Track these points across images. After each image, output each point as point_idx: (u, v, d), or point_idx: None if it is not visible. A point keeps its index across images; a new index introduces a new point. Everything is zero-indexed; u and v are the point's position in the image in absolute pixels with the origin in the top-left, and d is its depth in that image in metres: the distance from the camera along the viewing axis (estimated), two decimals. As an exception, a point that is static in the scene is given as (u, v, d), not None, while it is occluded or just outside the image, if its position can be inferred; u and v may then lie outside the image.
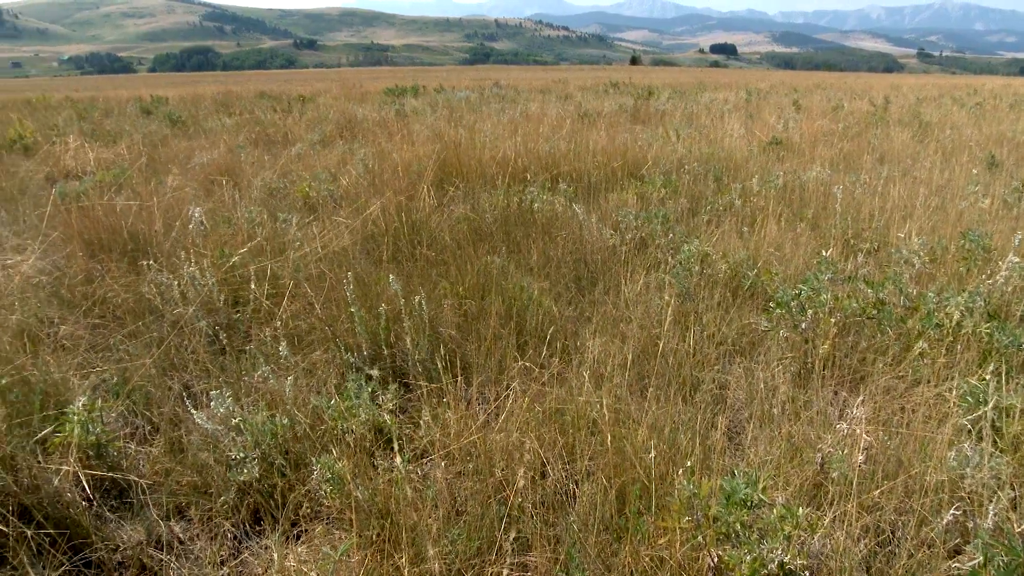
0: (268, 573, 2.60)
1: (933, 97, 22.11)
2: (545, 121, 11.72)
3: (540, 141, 9.04)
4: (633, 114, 14.92)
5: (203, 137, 12.31)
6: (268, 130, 12.72)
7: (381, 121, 13.05)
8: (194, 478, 3.03)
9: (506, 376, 3.55)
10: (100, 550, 2.76)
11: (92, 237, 5.42)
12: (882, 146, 10.30)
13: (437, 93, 22.39)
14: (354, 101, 19.36)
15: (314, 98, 20.83)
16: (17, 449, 2.94)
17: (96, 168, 8.77)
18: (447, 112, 14.60)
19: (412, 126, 11.35)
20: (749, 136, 11.01)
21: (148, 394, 3.59)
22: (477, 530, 2.56)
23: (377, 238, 5.47)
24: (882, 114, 14.70)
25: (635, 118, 14.28)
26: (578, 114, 13.92)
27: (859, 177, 7.58)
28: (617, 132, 10.91)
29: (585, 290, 4.79)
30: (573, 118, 12.77)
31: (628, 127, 12.29)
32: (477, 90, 23.92)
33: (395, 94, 21.77)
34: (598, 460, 2.87)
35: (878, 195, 6.70)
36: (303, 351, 3.82)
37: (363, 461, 2.84)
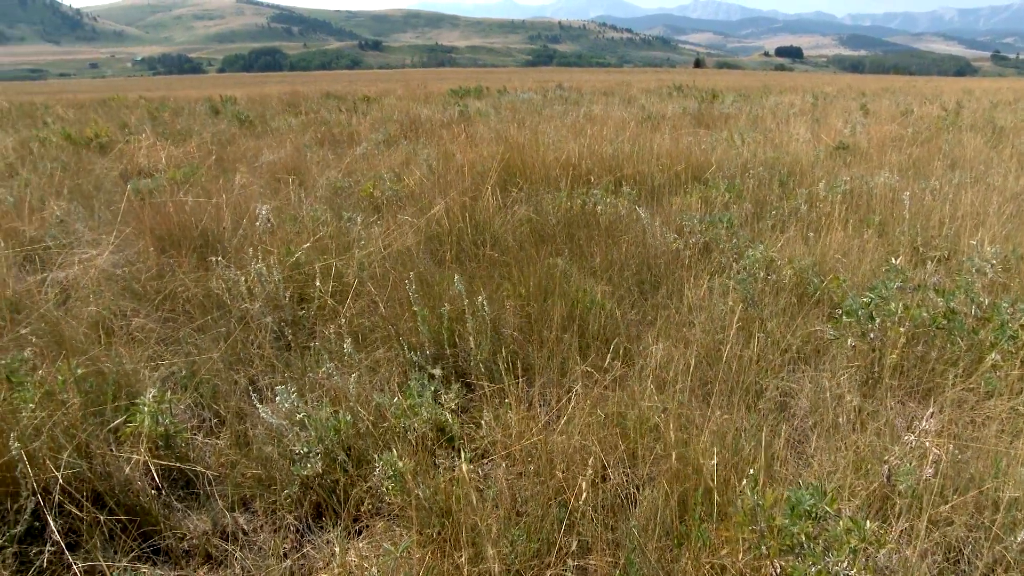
0: (329, 567, 2.63)
1: (1008, 101, 21.47)
2: (608, 123, 11.68)
3: (603, 143, 9.01)
4: (697, 117, 14.78)
5: (270, 136, 12.50)
6: (333, 130, 12.87)
7: (445, 122, 13.13)
8: (258, 471, 3.08)
9: (568, 379, 3.54)
10: (168, 538, 2.83)
11: (163, 233, 5.54)
12: (954, 152, 10.04)
13: (500, 95, 22.46)
14: (418, 102, 19.50)
15: (379, 98, 21.04)
16: (91, 437, 3.01)
17: (167, 166, 8.96)
18: (510, 114, 14.63)
19: (475, 127, 11.39)
20: (815, 140, 10.83)
21: (215, 387, 3.66)
22: (537, 532, 2.56)
23: (440, 238, 5.51)
24: (954, 119, 14.33)
25: (699, 121, 14.15)
26: (641, 117, 13.85)
27: (929, 183, 7.40)
28: (681, 135, 10.82)
29: (648, 294, 4.76)
30: (636, 121, 12.71)
31: (692, 130, 12.18)
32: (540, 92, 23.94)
33: (458, 95, 21.88)
34: (660, 465, 2.84)
35: (949, 202, 6.53)
36: (367, 349, 3.86)
37: (424, 459, 2.86)
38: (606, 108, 16.23)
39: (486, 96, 22.24)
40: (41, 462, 2.80)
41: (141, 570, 2.63)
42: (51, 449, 2.87)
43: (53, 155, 10.32)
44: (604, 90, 26.82)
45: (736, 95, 22.53)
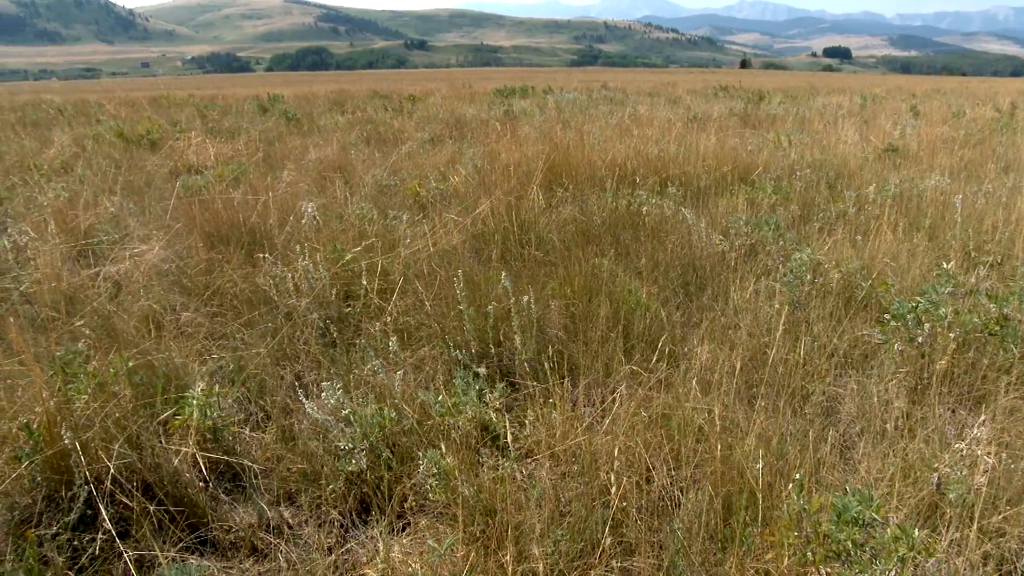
0: (373, 562, 2.65)
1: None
2: (654, 124, 11.62)
3: (649, 144, 8.97)
4: (743, 118, 14.66)
5: (317, 134, 12.63)
6: (379, 128, 12.96)
7: (490, 121, 13.16)
8: (304, 466, 3.12)
9: (612, 379, 3.54)
10: (215, 530, 2.87)
11: (212, 229, 5.62)
12: (1007, 154, 9.84)
13: (545, 94, 22.45)
14: (463, 101, 19.56)
15: (424, 98, 21.13)
16: (142, 429, 3.07)
17: (216, 163, 9.09)
18: (555, 113, 14.62)
19: (521, 127, 11.39)
20: (864, 142, 10.68)
21: (262, 382, 3.71)
22: (580, 532, 2.56)
23: (486, 237, 5.52)
24: (1008, 120, 14.05)
25: (745, 122, 14.03)
26: (687, 117, 13.78)
27: (982, 186, 7.27)
28: (727, 136, 10.74)
29: (693, 295, 4.74)
30: (682, 121, 12.64)
31: (738, 131, 12.09)
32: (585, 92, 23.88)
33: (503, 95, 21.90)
34: (704, 468, 2.83)
35: (1002, 206, 6.41)
36: (412, 347, 3.89)
37: (468, 458, 2.87)
38: (651, 108, 16.15)
39: (531, 96, 22.24)
40: (93, 452, 2.86)
41: (189, 560, 2.67)
42: (103, 440, 2.93)
43: (106, 152, 10.51)
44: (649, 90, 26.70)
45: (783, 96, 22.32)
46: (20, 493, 2.82)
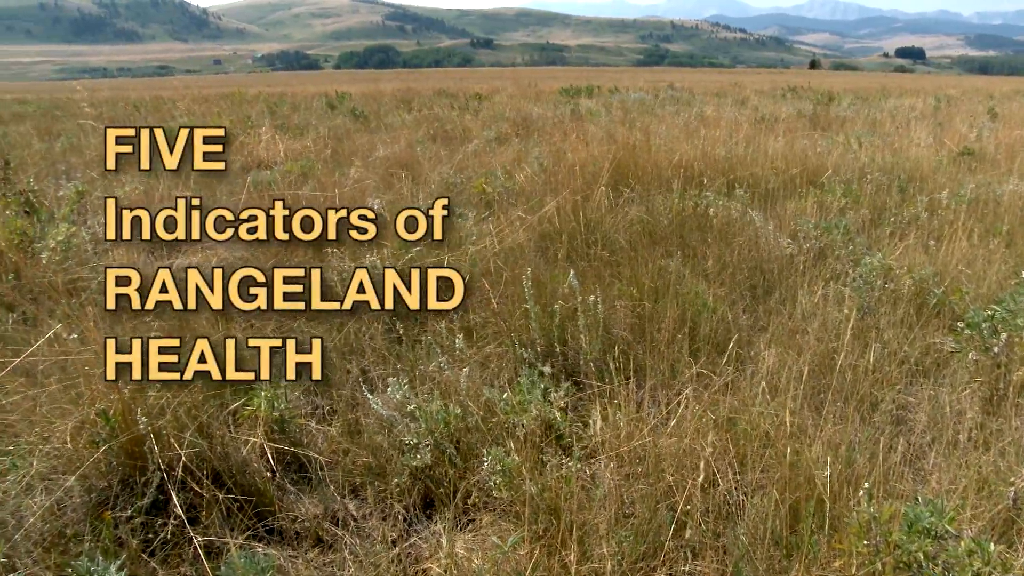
0: (435, 557, 2.68)
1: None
2: (721, 125, 11.50)
3: (716, 145, 8.89)
4: (812, 120, 14.41)
5: (384, 132, 12.75)
6: (446, 126, 13.04)
7: (556, 120, 13.15)
8: (369, 459, 3.16)
9: (678, 381, 3.52)
10: (281, 519, 2.93)
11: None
12: (1093, 159, 9.53)
13: (611, 94, 22.35)
14: (528, 100, 19.57)
15: (490, 96, 21.19)
16: (211, 418, 3.14)
17: (285, 159, 9.23)
18: (621, 113, 14.55)
19: (586, 126, 11.36)
20: (938, 145, 10.42)
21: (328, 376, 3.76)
22: (644, 534, 2.55)
23: (552, 236, 5.52)
24: (1094, 124, 13.59)
25: (814, 124, 13.79)
26: (755, 118, 13.60)
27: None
28: (795, 138, 10.56)
29: (760, 299, 4.69)
30: (750, 122, 12.49)
31: (807, 133, 11.88)
32: (651, 92, 23.71)
33: (569, 94, 21.85)
34: (770, 473, 2.80)
35: (1086, 213, 6.22)
36: (477, 344, 3.91)
37: (532, 456, 2.88)
38: (718, 109, 15.98)
39: (597, 95, 22.16)
40: (166, 440, 2.94)
41: (256, 548, 2.72)
42: (174, 428, 3.00)
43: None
44: (716, 91, 26.39)
45: (853, 97, 21.87)
46: (97, 476, 2.91)
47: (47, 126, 14.96)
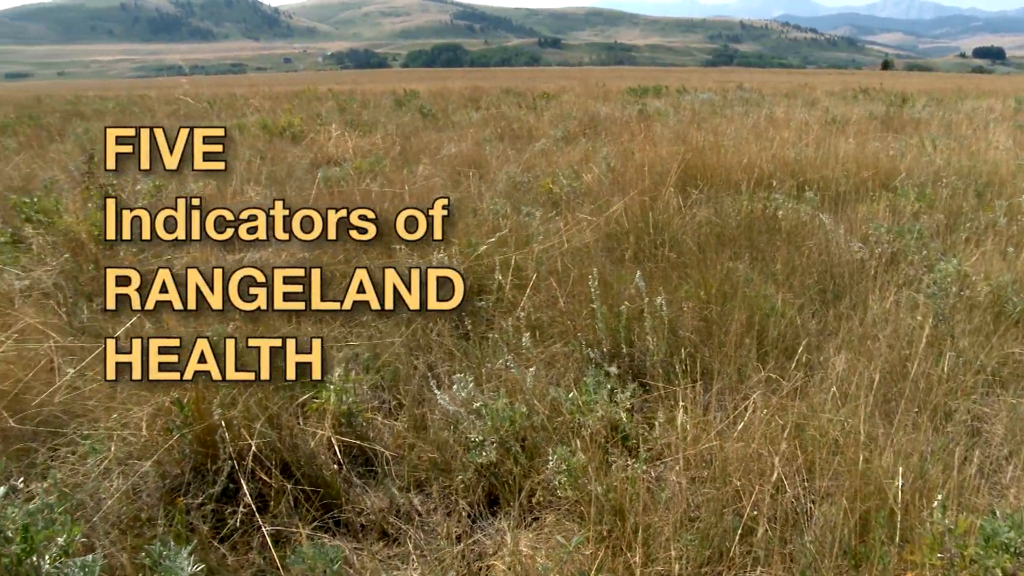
0: (499, 554, 2.69)
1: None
2: (790, 126, 11.34)
3: (785, 147, 8.76)
4: (884, 122, 14.10)
5: (451, 130, 12.83)
6: (513, 125, 13.07)
7: (623, 120, 13.10)
8: (434, 455, 3.19)
9: (745, 385, 3.48)
10: (347, 512, 2.98)
11: (351, 220, 5.78)
12: None
13: (679, 94, 22.17)
14: (596, 99, 19.51)
15: (557, 95, 21.17)
16: (281, 410, 3.20)
17: (354, 155, 9.35)
18: (689, 114, 14.43)
19: (654, 127, 11.29)
20: (1017, 148, 10.12)
21: (395, 371, 3.81)
22: (709, 538, 2.53)
23: (618, 237, 5.51)
24: None
25: (886, 126, 13.49)
26: (825, 120, 13.35)
27: None
28: (867, 140, 10.35)
29: (830, 303, 4.61)
30: (820, 124, 12.28)
31: (879, 135, 11.63)
32: (720, 92, 23.46)
33: (637, 94, 21.74)
34: (839, 481, 2.75)
35: None
36: (543, 343, 3.91)
37: (597, 456, 2.88)
38: (788, 110, 15.73)
39: (665, 95, 22.01)
40: (237, 429, 3.01)
41: (323, 539, 2.77)
42: (245, 418, 3.07)
43: (251, 143, 10.95)
44: (786, 92, 25.98)
45: (928, 99, 21.35)
46: (171, 463, 2.99)
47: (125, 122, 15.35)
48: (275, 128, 12.29)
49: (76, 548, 2.28)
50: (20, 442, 3.13)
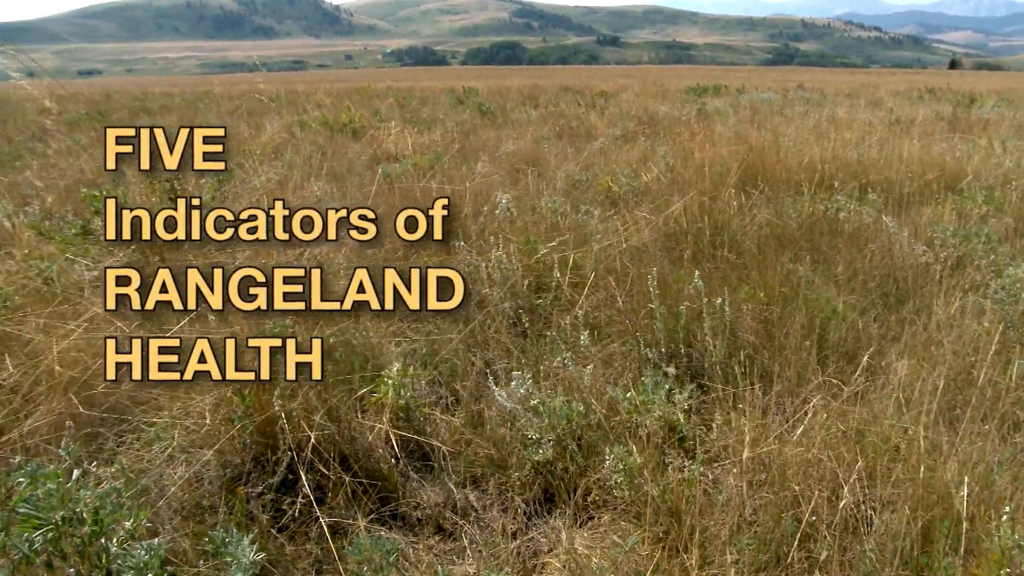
0: (554, 552, 2.70)
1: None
2: (853, 127, 11.14)
3: (847, 147, 8.62)
4: (951, 122, 13.77)
5: (510, 127, 12.85)
6: (571, 123, 13.05)
7: (682, 119, 13.00)
8: (491, 451, 3.20)
9: (805, 389, 3.44)
10: (404, 505, 3.01)
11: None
12: None
13: (739, 93, 21.93)
14: (655, 98, 19.40)
15: (615, 94, 21.09)
16: (340, 403, 3.24)
17: (413, 152, 9.42)
18: (749, 113, 14.27)
19: (713, 126, 11.20)
20: (1093, 151, 9.83)
21: (453, 367, 3.83)
22: (766, 543, 2.51)
23: (677, 237, 5.47)
24: None
25: (953, 127, 13.18)
26: (889, 120, 13.10)
27: None
28: (932, 141, 10.13)
29: (893, 308, 4.53)
30: (883, 124, 12.05)
31: (945, 136, 11.37)
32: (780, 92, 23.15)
33: (696, 93, 21.56)
34: (901, 489, 2.70)
35: None
36: (601, 342, 3.91)
37: (654, 457, 2.87)
38: (850, 110, 15.46)
39: (724, 94, 21.78)
40: (296, 421, 3.05)
41: (379, 532, 2.80)
42: (304, 410, 3.11)
43: (312, 139, 11.10)
44: (848, 91, 25.53)
45: (998, 99, 20.82)
46: (232, 452, 3.05)
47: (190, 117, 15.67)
48: (336, 124, 12.43)
49: (141, 532, 2.34)
50: (89, 427, 3.22)
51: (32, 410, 3.21)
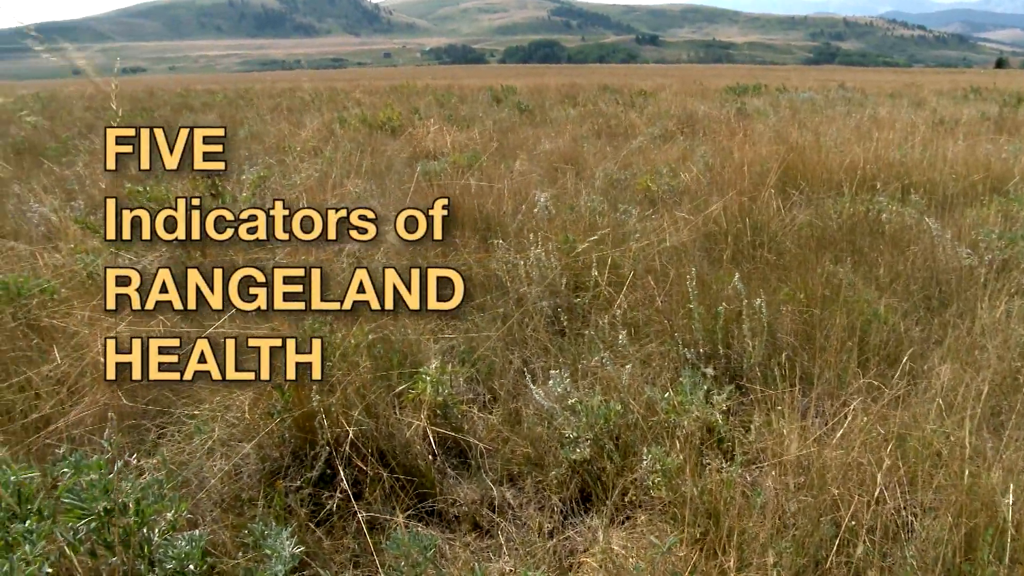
0: (590, 551, 2.70)
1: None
2: (895, 127, 11.00)
3: (889, 148, 8.51)
4: (998, 123, 13.53)
5: (548, 126, 12.85)
6: (610, 122, 13.02)
7: (721, 119, 12.91)
8: (528, 449, 3.21)
9: (845, 392, 3.40)
10: (440, 502, 3.03)
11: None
12: None
13: (779, 93, 21.71)
14: (694, 97, 19.28)
15: (654, 93, 20.99)
16: (378, 399, 3.26)
17: (452, 150, 9.45)
18: (789, 113, 14.14)
19: (753, 126, 11.11)
20: None
21: (491, 365, 3.84)
22: (805, 547, 2.49)
23: (716, 237, 5.44)
24: None
25: (1000, 127, 12.94)
26: (932, 121, 12.91)
27: None
28: (978, 142, 9.96)
29: (935, 311, 4.46)
30: (927, 125, 11.88)
31: (991, 137, 11.18)
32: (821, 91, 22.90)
33: (735, 92, 21.39)
34: (943, 495, 2.66)
35: None
36: (639, 341, 3.90)
37: (692, 458, 2.85)
38: (893, 110, 15.25)
39: (764, 94, 21.58)
40: (335, 416, 3.08)
41: (416, 528, 2.82)
42: (343, 406, 3.14)
43: (351, 136, 11.18)
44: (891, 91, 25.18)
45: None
46: (271, 446, 3.09)
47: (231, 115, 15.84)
48: (375, 122, 12.51)
49: (182, 523, 2.37)
50: (131, 419, 3.27)
51: (77, 401, 3.27)
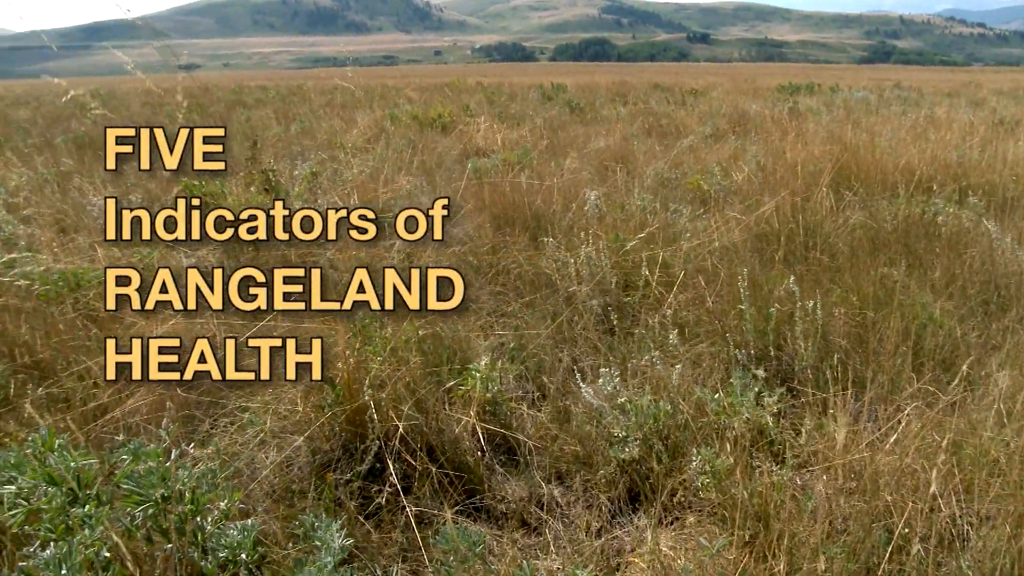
0: (638, 551, 2.69)
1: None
2: (953, 127, 10.78)
3: (946, 149, 8.35)
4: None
5: (598, 124, 12.82)
6: (661, 121, 12.95)
7: (773, 118, 12.76)
8: (576, 448, 3.20)
9: (899, 397, 3.35)
10: (488, 498, 3.04)
11: (499, 211, 5.89)
12: None
13: (832, 92, 21.42)
14: (745, 96, 19.10)
15: (705, 92, 20.84)
16: (428, 394, 3.28)
17: (502, 147, 9.47)
18: (843, 112, 13.93)
19: (806, 125, 10.97)
20: None
21: (540, 362, 3.85)
22: (856, 552, 2.45)
23: (768, 237, 5.39)
24: None
25: (1064, 128, 12.66)
26: (992, 121, 12.64)
27: None
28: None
29: (994, 316, 4.37)
30: (986, 125, 11.63)
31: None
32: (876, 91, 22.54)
33: (787, 91, 21.15)
34: (1001, 505, 2.61)
35: None
36: (689, 341, 3.87)
37: (742, 460, 2.83)
38: (950, 110, 14.95)
39: (817, 93, 21.30)
40: (385, 411, 3.10)
41: (464, 523, 2.83)
42: (393, 400, 3.16)
43: (402, 133, 11.27)
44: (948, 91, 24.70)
45: (1116, 98, 19.89)
46: (322, 439, 3.12)
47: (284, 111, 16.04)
48: (425, 119, 12.58)
49: (234, 512, 2.41)
50: (186, 410, 3.33)
51: (134, 391, 3.33)
